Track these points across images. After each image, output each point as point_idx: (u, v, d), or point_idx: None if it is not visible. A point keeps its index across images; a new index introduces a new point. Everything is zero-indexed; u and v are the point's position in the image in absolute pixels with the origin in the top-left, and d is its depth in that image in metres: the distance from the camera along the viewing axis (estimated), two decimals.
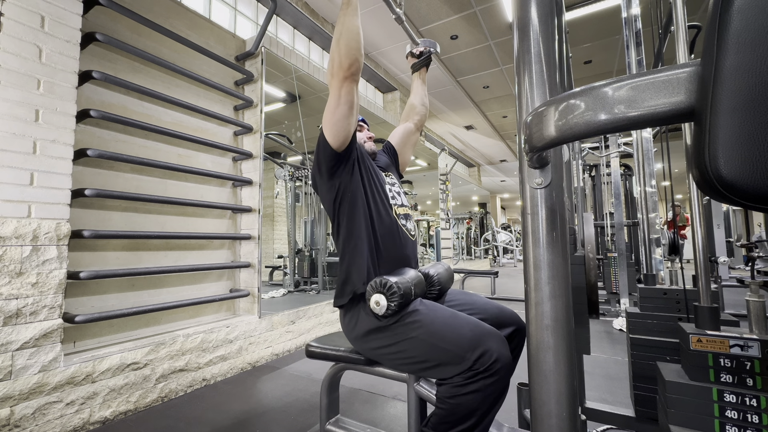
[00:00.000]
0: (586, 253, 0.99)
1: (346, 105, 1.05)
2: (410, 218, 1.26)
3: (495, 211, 16.17)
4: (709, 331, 0.99)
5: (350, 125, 1.08)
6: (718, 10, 0.24)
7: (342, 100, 1.05)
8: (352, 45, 1.03)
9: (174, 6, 2.35)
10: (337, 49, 1.03)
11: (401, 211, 1.23)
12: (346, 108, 1.05)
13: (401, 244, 1.16)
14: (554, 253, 0.42)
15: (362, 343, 1.07)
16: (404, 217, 1.22)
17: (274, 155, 5.51)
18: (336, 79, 1.04)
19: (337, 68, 1.03)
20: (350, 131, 1.09)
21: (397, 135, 1.48)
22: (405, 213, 1.24)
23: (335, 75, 1.04)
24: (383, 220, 1.14)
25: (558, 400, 0.41)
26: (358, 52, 1.04)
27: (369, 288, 1.00)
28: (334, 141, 1.08)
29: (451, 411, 0.89)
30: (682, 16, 1.29)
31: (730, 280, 4.91)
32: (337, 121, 1.06)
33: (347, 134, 1.08)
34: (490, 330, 0.94)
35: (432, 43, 1.43)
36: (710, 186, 0.25)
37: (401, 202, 1.26)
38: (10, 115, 1.51)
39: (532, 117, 0.36)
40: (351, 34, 1.03)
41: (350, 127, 1.08)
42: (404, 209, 1.25)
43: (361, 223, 1.10)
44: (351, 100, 1.06)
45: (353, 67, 1.03)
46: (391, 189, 1.25)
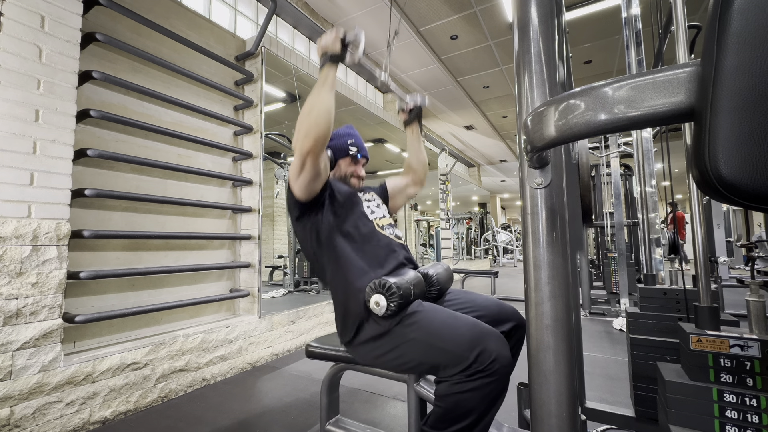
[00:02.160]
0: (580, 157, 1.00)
1: (310, 174, 1.06)
2: (395, 226, 1.27)
3: (495, 211, 16.17)
4: (709, 331, 0.99)
5: (317, 185, 1.09)
6: (718, 10, 0.24)
7: (306, 170, 1.05)
8: (321, 122, 1.01)
9: (174, 6, 2.35)
10: (306, 121, 1.02)
11: (384, 222, 1.23)
12: (309, 177, 1.06)
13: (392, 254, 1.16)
14: (554, 253, 0.42)
15: (362, 351, 1.07)
16: (389, 227, 1.23)
17: (274, 155, 5.50)
18: (300, 151, 1.03)
19: (302, 141, 1.02)
20: (316, 190, 1.10)
21: (394, 183, 1.47)
22: (389, 223, 1.25)
23: (300, 148, 1.03)
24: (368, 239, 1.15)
25: (558, 400, 0.41)
26: (328, 129, 1.03)
27: (368, 289, 1.00)
28: (300, 197, 1.10)
29: (449, 409, 0.89)
30: (682, 16, 1.29)
31: (730, 280, 4.91)
32: (301, 185, 1.07)
33: (312, 192, 1.10)
34: (489, 330, 0.94)
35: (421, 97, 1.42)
36: (710, 186, 0.25)
37: (382, 214, 1.27)
38: (10, 115, 1.51)
39: (532, 117, 0.36)
40: (323, 111, 1.01)
41: (315, 187, 1.10)
42: (386, 220, 1.26)
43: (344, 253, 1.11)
44: (316, 171, 1.06)
45: (319, 142, 1.02)
46: (369, 206, 1.25)
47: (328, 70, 1.06)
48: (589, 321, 3.61)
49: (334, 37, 1.06)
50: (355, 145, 1.30)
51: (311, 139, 1.01)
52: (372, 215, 1.23)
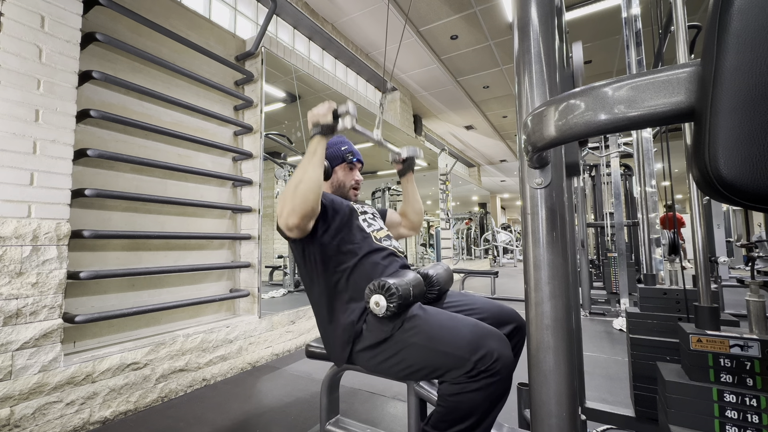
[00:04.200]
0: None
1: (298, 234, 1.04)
2: (392, 237, 1.27)
3: (495, 211, 16.17)
4: (709, 331, 0.99)
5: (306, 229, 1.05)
6: (718, 10, 0.24)
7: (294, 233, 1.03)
8: (309, 198, 0.99)
9: (174, 6, 2.35)
10: (292, 195, 0.99)
11: (381, 234, 1.23)
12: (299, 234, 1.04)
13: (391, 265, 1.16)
14: (554, 253, 0.42)
15: (363, 358, 1.06)
16: (386, 239, 1.23)
17: (274, 155, 5.50)
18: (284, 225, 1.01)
19: (288, 216, 0.99)
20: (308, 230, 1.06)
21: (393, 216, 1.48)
22: (385, 235, 1.25)
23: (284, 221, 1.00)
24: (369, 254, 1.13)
25: (558, 400, 0.41)
26: (316, 204, 1.00)
27: (368, 290, 1.00)
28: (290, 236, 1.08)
29: (451, 409, 0.89)
30: (682, 16, 1.30)
31: (730, 280, 4.91)
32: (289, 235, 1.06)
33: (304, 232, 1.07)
34: (490, 330, 0.94)
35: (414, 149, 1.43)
36: (710, 186, 0.25)
37: (379, 227, 1.26)
38: (10, 115, 1.51)
39: (532, 117, 0.36)
40: (312, 186, 0.99)
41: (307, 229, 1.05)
42: (383, 232, 1.26)
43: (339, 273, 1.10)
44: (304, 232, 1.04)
45: (306, 218, 1.00)
46: (365, 219, 1.24)
47: (318, 143, 1.05)
48: (589, 321, 3.61)
49: (326, 109, 1.05)
50: (350, 152, 1.30)
51: (298, 215, 0.98)
52: (369, 228, 1.21)
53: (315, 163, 1.02)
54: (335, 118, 1.06)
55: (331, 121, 1.05)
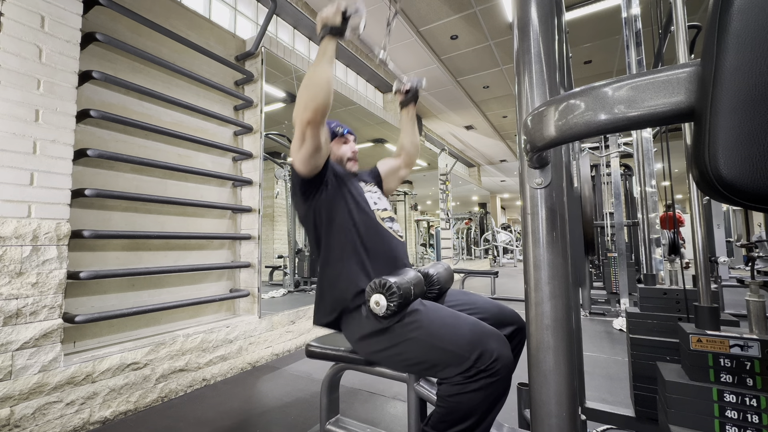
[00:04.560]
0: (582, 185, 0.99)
1: (311, 147, 1.06)
2: (394, 220, 1.29)
3: (495, 211, 16.17)
4: (709, 331, 0.99)
5: (318, 160, 1.10)
6: (718, 10, 0.24)
7: (307, 142, 1.06)
8: (320, 93, 1.02)
9: (174, 6, 2.35)
10: (305, 93, 1.03)
11: (384, 215, 1.25)
12: (311, 149, 1.07)
13: (390, 246, 1.18)
14: (554, 253, 0.42)
15: (363, 346, 1.07)
16: (389, 220, 1.25)
17: (274, 155, 5.50)
18: (300, 122, 1.04)
19: (302, 112, 1.03)
20: (318, 165, 1.11)
21: (386, 165, 1.49)
22: (389, 216, 1.27)
23: (300, 119, 1.04)
24: (369, 228, 1.16)
25: (558, 400, 0.41)
26: (327, 100, 1.04)
27: (368, 288, 1.00)
28: (302, 171, 1.11)
29: (451, 410, 0.89)
30: (682, 16, 1.29)
31: (730, 280, 4.91)
32: (303, 158, 1.08)
33: (315, 168, 1.11)
34: (490, 330, 0.94)
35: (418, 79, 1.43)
36: (710, 186, 0.25)
37: (383, 207, 1.28)
38: (10, 115, 1.51)
39: (532, 117, 0.36)
40: (322, 82, 1.03)
41: (317, 162, 1.10)
42: (387, 213, 1.27)
43: (344, 232, 1.13)
44: (316, 143, 1.07)
45: (318, 113, 1.03)
46: (371, 196, 1.27)
47: (328, 43, 1.07)
48: (589, 321, 3.61)
49: (335, 9, 1.07)
50: (338, 126, 1.33)
51: (311, 110, 1.02)
52: (374, 206, 1.23)
53: (325, 62, 1.05)
54: (344, 20, 1.08)
55: (340, 23, 1.07)
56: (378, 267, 1.12)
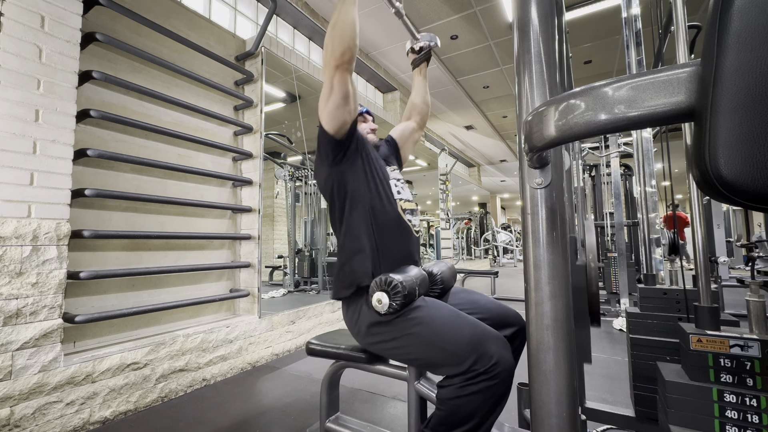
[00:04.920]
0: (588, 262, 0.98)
1: (339, 95, 1.04)
2: (416, 213, 1.25)
3: (495, 211, 16.17)
4: (709, 331, 0.99)
5: (345, 114, 1.07)
6: (718, 10, 0.24)
7: (335, 90, 1.04)
8: (346, 34, 1.02)
9: (174, 6, 2.35)
10: (331, 37, 1.03)
11: (407, 206, 1.21)
12: (339, 97, 1.05)
13: (405, 238, 1.15)
14: (554, 253, 0.42)
15: (364, 337, 1.07)
16: (410, 212, 1.21)
17: (274, 155, 5.51)
18: (329, 67, 1.04)
19: (329, 56, 1.02)
20: (346, 120, 1.08)
21: (399, 130, 1.47)
22: (411, 208, 1.23)
23: (328, 63, 1.04)
24: (387, 214, 1.13)
25: (558, 400, 0.41)
26: (353, 41, 1.03)
27: (373, 285, 1.00)
28: (331, 128, 1.08)
29: (451, 412, 0.89)
30: (682, 16, 1.30)
31: (730, 280, 4.91)
32: (331, 110, 1.06)
33: (343, 122, 1.08)
34: (491, 332, 0.93)
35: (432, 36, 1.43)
36: (710, 186, 0.25)
37: (407, 197, 1.24)
38: (10, 115, 1.51)
39: (532, 117, 0.36)
40: (346, 23, 1.02)
41: (346, 116, 1.08)
42: (410, 204, 1.23)
43: (363, 216, 1.10)
44: (344, 90, 1.05)
45: (346, 56, 1.02)
46: (396, 183, 1.23)
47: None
48: None
49: None
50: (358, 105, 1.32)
51: (338, 52, 1.01)
52: (398, 195, 1.20)
53: (348, 2, 1.05)
54: None
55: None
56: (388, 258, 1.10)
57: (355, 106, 1.11)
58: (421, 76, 1.49)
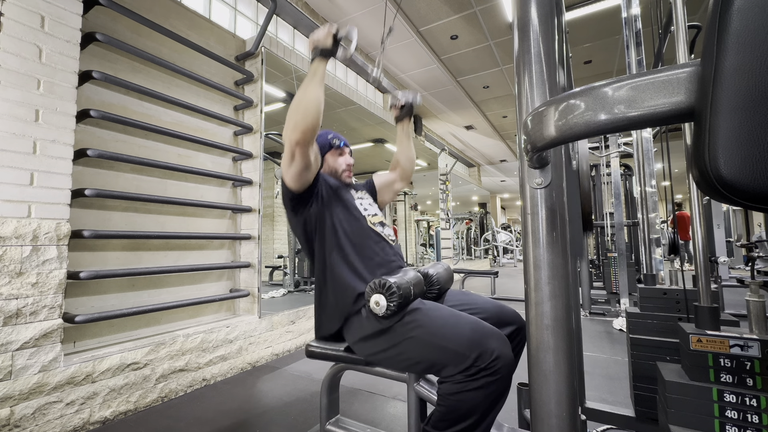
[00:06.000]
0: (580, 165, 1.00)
1: (301, 164, 1.07)
2: (385, 225, 1.30)
3: (495, 211, 16.17)
4: (709, 331, 0.99)
5: (308, 176, 1.11)
6: (718, 10, 0.24)
7: (297, 160, 1.07)
8: (310, 114, 1.03)
9: (174, 6, 2.35)
10: (294, 113, 1.04)
11: (375, 220, 1.26)
12: (300, 167, 1.08)
13: (382, 247, 1.20)
14: (554, 253, 0.42)
15: (364, 348, 1.07)
16: (380, 225, 1.26)
17: (274, 155, 5.50)
18: (290, 142, 1.05)
19: (291, 132, 1.04)
20: (308, 180, 1.12)
21: (381, 178, 1.50)
22: (380, 221, 1.28)
23: (289, 138, 1.05)
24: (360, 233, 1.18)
25: (558, 400, 0.41)
26: (316, 121, 1.05)
27: (368, 289, 1.01)
28: (293, 187, 1.12)
29: (452, 408, 0.89)
30: (682, 16, 1.29)
31: (730, 280, 4.91)
32: (292, 176, 1.09)
33: (305, 183, 1.12)
34: (490, 329, 0.94)
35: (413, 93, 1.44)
36: (710, 186, 0.25)
37: (374, 212, 1.29)
38: (10, 115, 1.51)
39: (532, 117, 0.36)
40: (311, 104, 1.04)
41: (307, 178, 1.11)
42: (378, 218, 1.29)
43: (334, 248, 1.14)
44: (306, 161, 1.07)
45: (308, 134, 1.04)
46: (361, 203, 1.28)
47: (318, 65, 1.09)
48: (589, 321, 3.61)
49: (326, 32, 1.09)
50: (335, 138, 1.34)
51: (299, 131, 1.03)
52: (365, 212, 1.25)
53: (315, 83, 1.07)
54: (335, 43, 1.10)
55: (331, 46, 1.10)
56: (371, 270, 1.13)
57: (317, 166, 1.14)
58: (404, 132, 1.48)
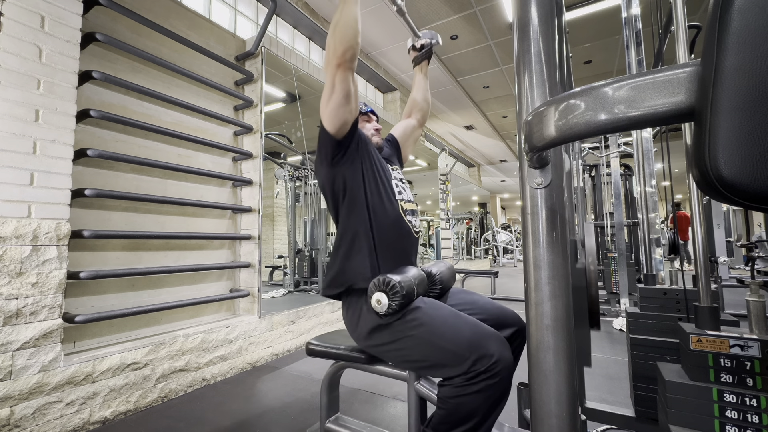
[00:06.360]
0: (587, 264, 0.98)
1: (341, 93, 1.04)
2: (416, 214, 1.25)
3: (495, 211, 16.16)
4: (709, 331, 0.99)
5: (347, 113, 1.07)
6: (718, 10, 0.24)
7: (337, 88, 1.04)
8: (348, 32, 1.02)
9: (174, 6, 2.35)
10: (333, 35, 1.03)
11: (408, 206, 1.21)
12: (341, 96, 1.04)
13: (404, 238, 1.15)
14: (554, 253, 0.42)
15: (364, 340, 1.07)
16: (410, 213, 1.21)
17: (274, 155, 5.50)
18: (330, 66, 1.03)
19: (332, 55, 1.02)
20: (348, 119, 1.08)
21: (400, 129, 1.47)
22: (411, 209, 1.22)
23: (330, 62, 1.03)
24: (387, 214, 1.13)
25: (558, 400, 0.41)
26: (354, 40, 1.03)
27: (371, 286, 1.00)
28: (331, 128, 1.07)
29: (452, 411, 0.89)
30: (682, 16, 1.29)
31: (730, 280, 4.91)
32: (333, 109, 1.05)
33: (344, 122, 1.07)
34: (490, 332, 0.94)
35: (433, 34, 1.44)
36: (710, 186, 0.25)
37: (408, 198, 1.24)
38: (10, 115, 1.51)
39: (532, 117, 0.36)
40: (348, 22, 1.02)
41: (347, 115, 1.07)
42: (411, 205, 1.23)
43: (361, 217, 1.10)
44: (346, 89, 1.04)
45: (348, 54, 1.02)
46: (398, 183, 1.23)
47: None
48: None
49: None
50: (363, 105, 1.32)
51: (341, 51, 1.01)
52: (399, 196, 1.20)
53: (350, 1, 1.04)
54: None
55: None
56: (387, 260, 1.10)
57: (356, 105, 1.11)
58: (422, 73, 1.49)
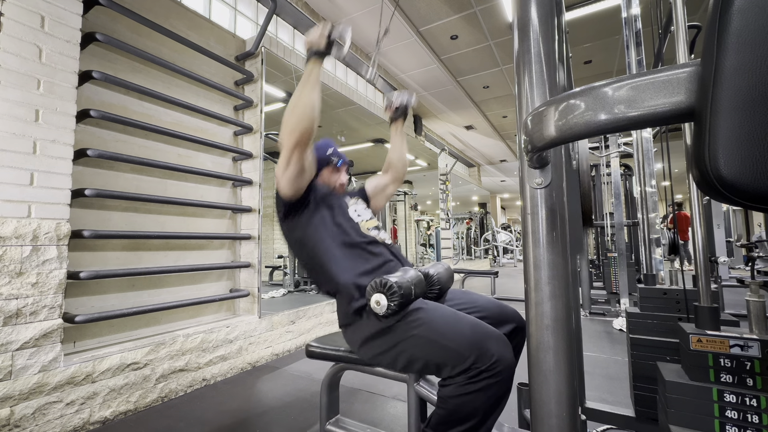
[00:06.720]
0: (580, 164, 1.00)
1: (296, 168, 1.08)
2: (380, 228, 1.30)
3: (495, 211, 16.16)
4: (709, 331, 0.99)
5: (302, 182, 1.12)
6: (718, 10, 0.24)
7: (292, 163, 1.07)
8: (306, 117, 1.04)
9: (174, 6, 2.35)
10: (290, 116, 1.05)
11: (370, 224, 1.26)
12: (296, 171, 1.08)
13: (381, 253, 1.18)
14: (554, 253, 0.42)
15: (365, 349, 1.07)
16: (375, 229, 1.25)
17: (274, 155, 5.49)
18: (286, 146, 1.06)
19: (288, 136, 1.05)
20: (302, 187, 1.13)
21: (372, 184, 1.49)
22: (374, 226, 1.27)
23: (285, 142, 1.06)
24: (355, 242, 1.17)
25: (558, 400, 0.41)
26: (312, 124, 1.05)
27: (369, 288, 1.00)
28: (286, 193, 1.12)
29: (452, 411, 0.89)
30: (682, 16, 1.29)
31: (730, 280, 4.91)
32: (288, 180, 1.10)
33: (299, 189, 1.13)
34: (491, 331, 0.94)
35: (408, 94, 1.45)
36: (710, 186, 0.25)
37: (368, 217, 1.29)
38: (10, 115, 1.51)
39: (532, 117, 0.36)
40: (307, 107, 1.04)
41: (301, 184, 1.12)
42: (372, 222, 1.28)
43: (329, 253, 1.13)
44: (300, 165, 1.08)
45: (305, 136, 1.05)
46: (355, 210, 1.28)
47: (313, 66, 1.10)
48: (589, 321, 3.61)
49: (320, 33, 1.09)
50: (335, 155, 1.34)
51: (297, 133, 1.04)
52: (358, 218, 1.25)
53: (310, 85, 1.07)
54: (329, 44, 1.11)
55: (324, 47, 1.11)
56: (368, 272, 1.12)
57: (312, 173, 1.15)
58: (398, 132, 1.49)
